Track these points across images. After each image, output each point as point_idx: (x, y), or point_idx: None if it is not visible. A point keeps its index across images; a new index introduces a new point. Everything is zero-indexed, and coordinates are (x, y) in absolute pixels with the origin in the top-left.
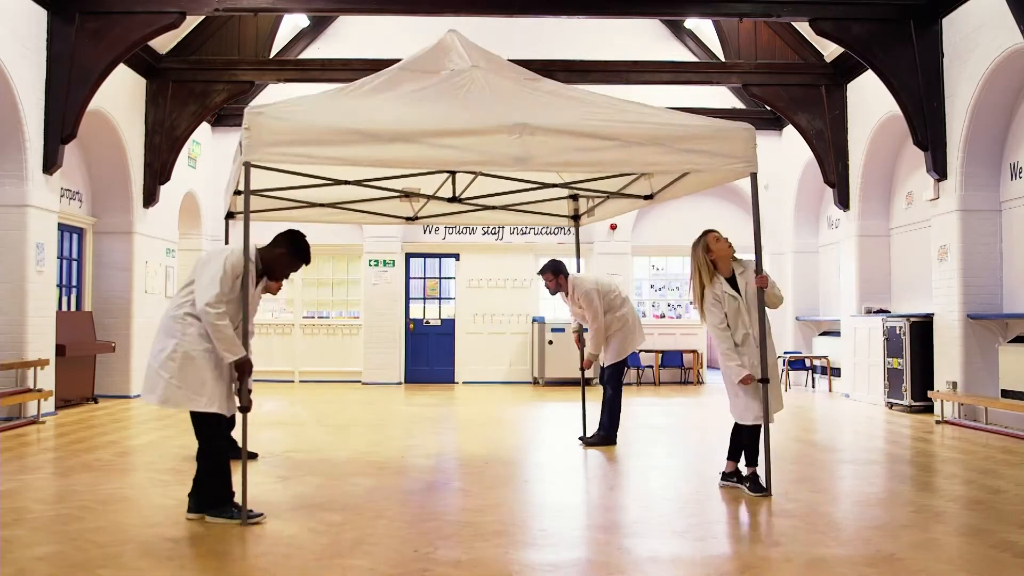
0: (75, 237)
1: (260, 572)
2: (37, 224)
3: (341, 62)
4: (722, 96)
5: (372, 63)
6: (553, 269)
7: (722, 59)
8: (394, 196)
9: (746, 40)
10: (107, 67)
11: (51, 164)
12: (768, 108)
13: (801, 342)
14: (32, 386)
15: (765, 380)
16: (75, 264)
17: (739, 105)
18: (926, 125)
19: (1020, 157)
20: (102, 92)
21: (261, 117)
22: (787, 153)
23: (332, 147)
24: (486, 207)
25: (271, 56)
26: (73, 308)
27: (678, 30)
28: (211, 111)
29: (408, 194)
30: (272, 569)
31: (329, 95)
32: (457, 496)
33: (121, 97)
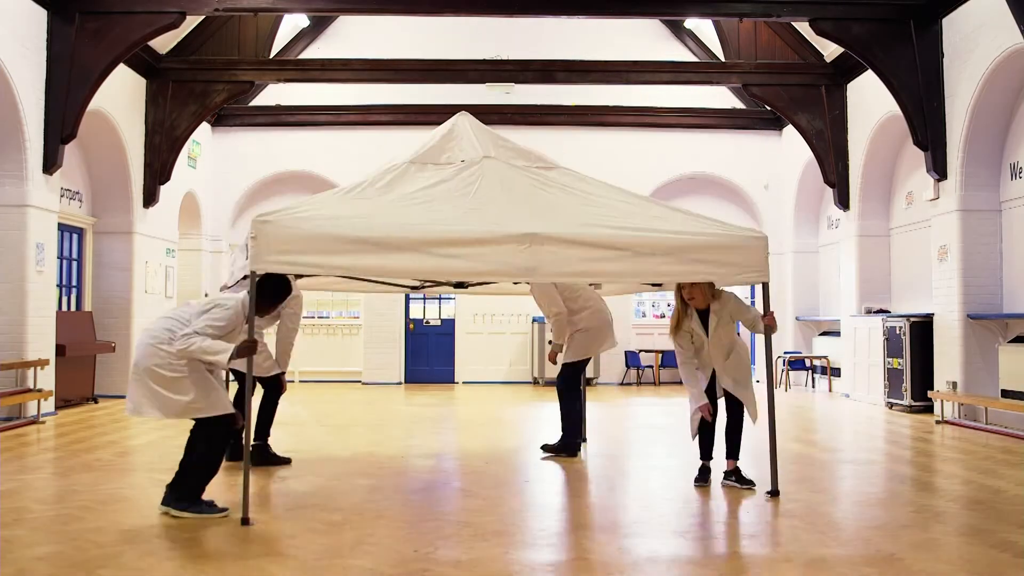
0: (75, 237)
1: (260, 572)
2: (37, 224)
3: (341, 62)
4: (722, 96)
5: (372, 63)
6: None
7: (722, 59)
8: (403, 287)
9: (746, 40)
10: (107, 67)
11: (51, 164)
12: (768, 108)
13: (801, 342)
14: (32, 386)
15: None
16: (75, 264)
17: (739, 105)
18: (926, 125)
19: (1020, 157)
20: (102, 92)
21: (268, 226)
22: (787, 153)
23: (339, 256)
24: (488, 293)
25: (271, 56)
26: (73, 308)
27: (678, 30)
28: (211, 111)
29: (416, 287)
30: (272, 569)
31: (338, 196)
32: (457, 496)
33: (121, 97)
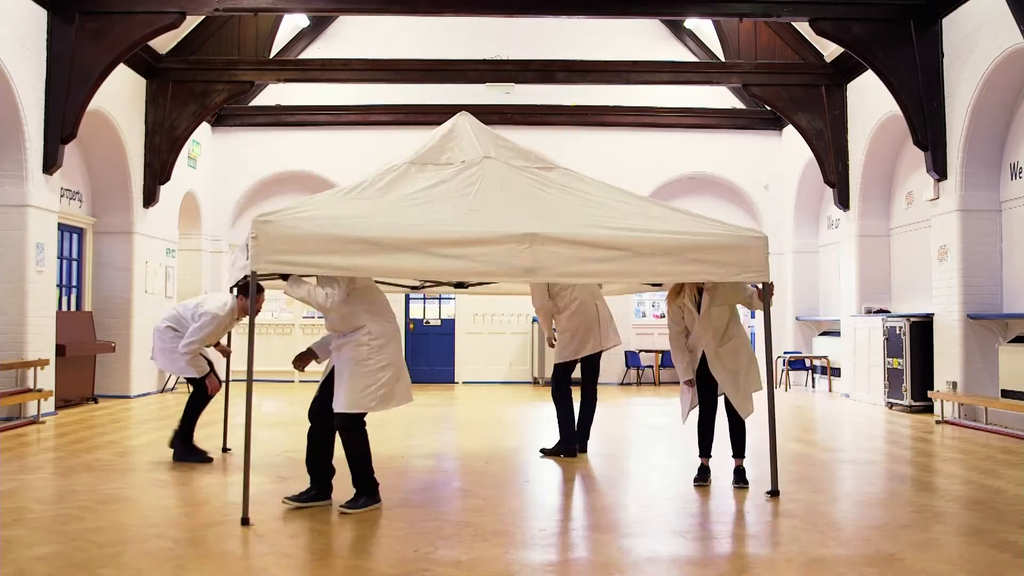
0: (75, 237)
1: (260, 572)
2: (37, 224)
3: (341, 62)
4: (722, 96)
5: (372, 63)
6: None
7: (722, 59)
8: (403, 287)
9: (746, 40)
10: (107, 67)
11: (51, 164)
12: (768, 108)
13: (801, 342)
14: (32, 386)
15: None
16: (75, 264)
17: (739, 105)
18: (926, 125)
19: (1020, 157)
20: (102, 92)
21: (268, 226)
22: (787, 153)
23: (339, 256)
24: (488, 293)
25: (271, 56)
26: (73, 308)
27: (678, 30)
28: (211, 111)
29: (416, 287)
30: (272, 569)
31: (338, 197)
32: (457, 496)
33: (121, 97)
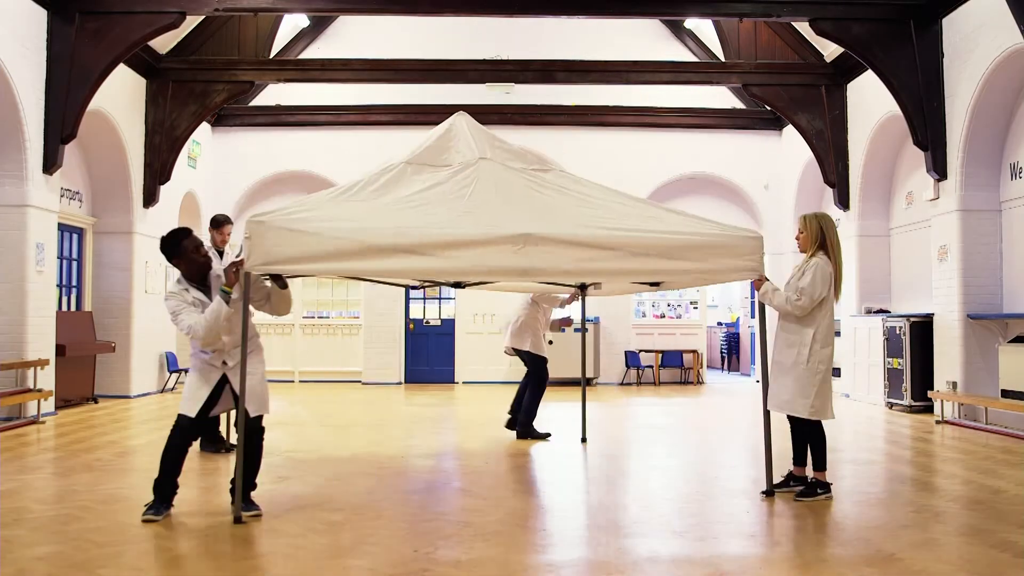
0: (75, 237)
1: (260, 572)
2: (37, 224)
3: (341, 62)
4: (722, 96)
5: (372, 63)
6: None
7: (722, 59)
8: (402, 285)
9: (746, 40)
10: (107, 67)
11: (51, 164)
12: (768, 108)
13: None
14: (32, 386)
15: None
16: (75, 264)
17: (739, 105)
18: (926, 125)
19: (1020, 157)
20: (102, 92)
21: (262, 227)
22: (787, 153)
23: (335, 262)
24: (488, 289)
25: (271, 56)
26: (73, 308)
27: (678, 30)
28: (211, 111)
29: (415, 287)
30: (272, 569)
31: (333, 197)
32: (457, 496)
33: (121, 97)
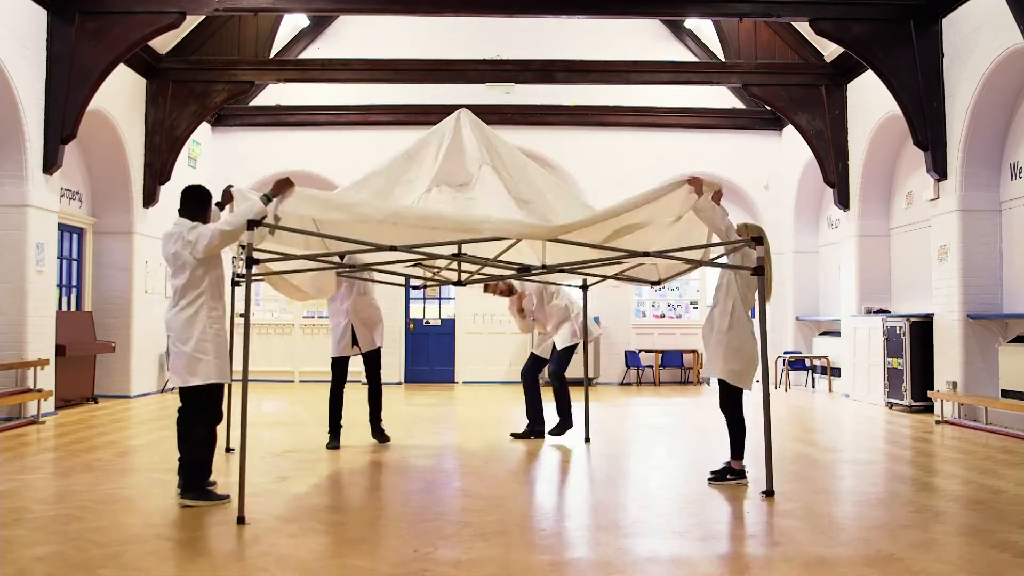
0: (75, 237)
1: (260, 572)
2: (37, 224)
3: (341, 62)
4: (722, 96)
5: (372, 63)
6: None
7: (722, 59)
8: (411, 261)
9: (746, 40)
10: (107, 67)
11: (51, 164)
12: (768, 108)
13: (801, 342)
14: (32, 386)
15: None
16: (75, 264)
17: (739, 105)
18: (926, 125)
19: (1020, 157)
20: (102, 92)
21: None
22: (787, 153)
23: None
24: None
25: (271, 56)
26: (73, 308)
27: (678, 30)
28: (211, 111)
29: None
30: (272, 569)
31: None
32: (457, 496)
33: (121, 97)
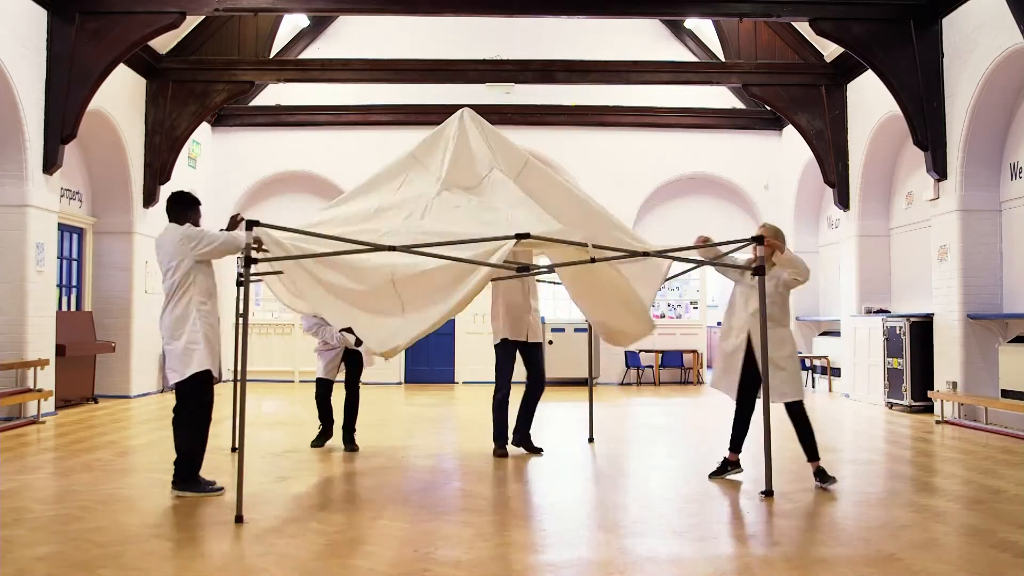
0: (75, 237)
1: (260, 572)
2: (37, 224)
3: (341, 62)
4: (722, 96)
5: (372, 63)
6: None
7: (722, 59)
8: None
9: (746, 40)
10: (107, 67)
11: (51, 164)
12: (768, 108)
13: (801, 342)
14: (32, 386)
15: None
16: (75, 264)
17: (739, 105)
18: (926, 125)
19: (1020, 157)
20: (102, 92)
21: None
22: (787, 153)
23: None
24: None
25: (271, 56)
26: (73, 308)
27: (678, 30)
28: (211, 111)
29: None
30: (272, 569)
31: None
32: (457, 496)
33: (121, 97)
